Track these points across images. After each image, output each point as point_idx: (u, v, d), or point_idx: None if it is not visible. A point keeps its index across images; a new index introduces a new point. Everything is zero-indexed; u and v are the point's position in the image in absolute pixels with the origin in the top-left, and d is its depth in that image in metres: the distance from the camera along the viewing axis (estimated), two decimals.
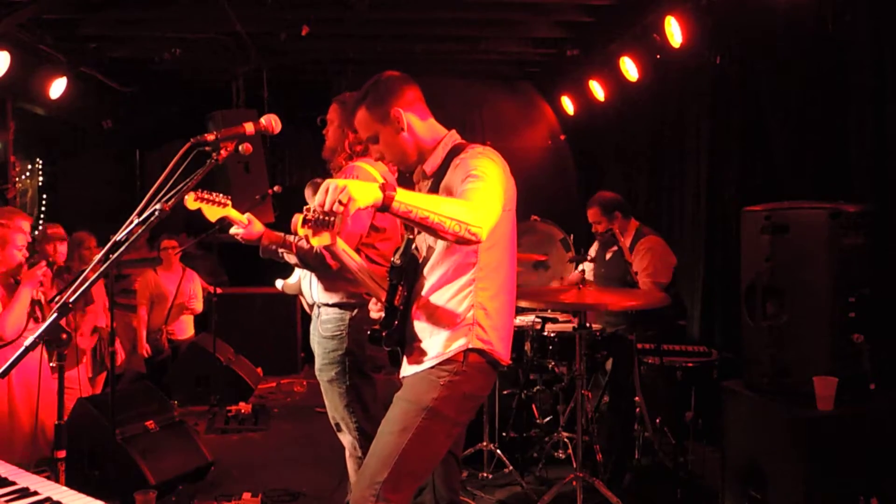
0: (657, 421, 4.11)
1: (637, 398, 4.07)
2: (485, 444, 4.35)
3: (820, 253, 3.07)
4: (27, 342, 1.82)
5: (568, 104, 7.20)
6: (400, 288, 2.35)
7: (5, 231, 3.59)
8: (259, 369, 6.84)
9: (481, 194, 2.07)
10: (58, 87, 5.85)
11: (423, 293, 2.35)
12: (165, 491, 4.06)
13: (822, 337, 3.08)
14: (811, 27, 4.01)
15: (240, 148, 2.06)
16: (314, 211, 1.89)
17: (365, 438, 3.06)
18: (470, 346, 2.26)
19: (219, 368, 6.09)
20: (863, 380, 2.99)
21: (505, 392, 4.58)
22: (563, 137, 7.83)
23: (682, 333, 4.73)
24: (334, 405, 3.18)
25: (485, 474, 4.35)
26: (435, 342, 2.31)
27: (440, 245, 2.31)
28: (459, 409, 2.30)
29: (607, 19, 5.65)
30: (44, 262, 3.64)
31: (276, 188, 4.75)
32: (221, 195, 2.94)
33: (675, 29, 4.88)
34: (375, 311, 2.49)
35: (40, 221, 7.41)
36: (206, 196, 2.94)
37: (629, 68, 5.65)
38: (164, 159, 1.90)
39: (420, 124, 2.37)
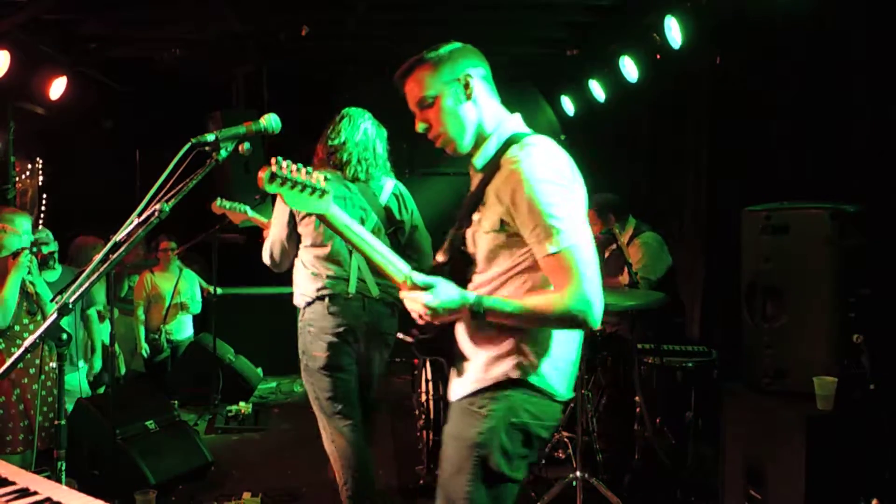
0: (657, 421, 4.11)
1: (637, 398, 4.07)
2: None
3: (820, 253, 3.07)
4: (27, 342, 1.82)
5: (568, 104, 7.20)
6: None
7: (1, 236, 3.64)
8: (259, 369, 6.85)
9: (570, 265, 1.84)
10: (58, 87, 5.85)
11: None
12: (165, 491, 4.06)
13: (822, 337, 3.09)
14: (811, 27, 4.01)
15: (240, 148, 2.05)
16: None
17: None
18: (510, 377, 1.98)
19: (219, 368, 6.09)
20: (863, 380, 2.99)
21: None
22: (563, 137, 7.83)
23: (681, 333, 4.73)
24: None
25: None
26: (476, 364, 2.03)
27: (487, 245, 2.02)
28: (513, 440, 1.99)
29: (607, 19, 5.65)
30: (25, 249, 3.61)
31: None
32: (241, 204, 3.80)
33: (675, 29, 4.88)
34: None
35: (40, 221, 7.41)
36: (226, 205, 3.81)
37: (629, 68, 5.65)
38: (164, 159, 1.89)
39: (488, 101, 2.06)
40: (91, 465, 3.98)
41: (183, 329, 6.48)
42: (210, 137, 1.93)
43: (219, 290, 6.32)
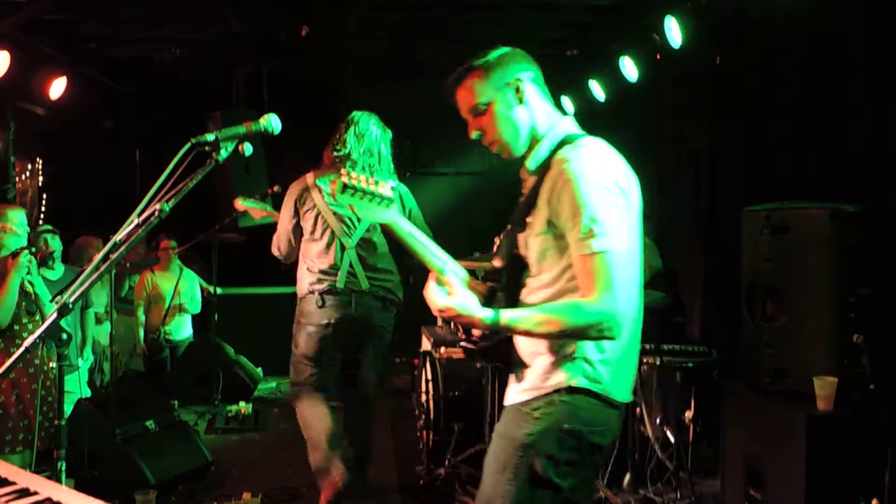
0: (657, 421, 4.11)
1: (637, 398, 4.06)
2: (485, 444, 4.35)
3: (820, 253, 3.08)
4: (27, 342, 1.82)
5: (568, 104, 7.20)
6: (500, 295, 2.04)
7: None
8: (259, 369, 6.85)
9: (600, 271, 1.81)
10: (58, 87, 5.85)
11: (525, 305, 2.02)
12: (165, 491, 4.06)
13: (822, 337, 3.09)
14: (811, 27, 4.01)
15: (240, 148, 2.05)
16: None
17: None
18: (570, 384, 1.92)
19: (219, 368, 6.09)
20: (863, 380, 2.99)
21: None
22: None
23: (681, 333, 4.73)
24: None
25: None
26: (534, 371, 1.99)
27: (538, 247, 1.99)
28: (563, 447, 1.94)
29: (607, 19, 5.65)
30: (25, 249, 3.62)
31: (275, 188, 4.81)
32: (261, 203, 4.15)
33: (675, 29, 4.88)
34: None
35: (40, 221, 7.41)
36: (248, 201, 4.09)
37: (629, 68, 5.65)
38: (164, 159, 1.89)
39: (540, 104, 2.05)
40: (91, 465, 3.98)
41: (182, 329, 6.48)
42: (210, 137, 1.93)
43: (219, 290, 6.32)
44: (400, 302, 3.92)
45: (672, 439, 4.03)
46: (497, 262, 2.09)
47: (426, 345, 5.19)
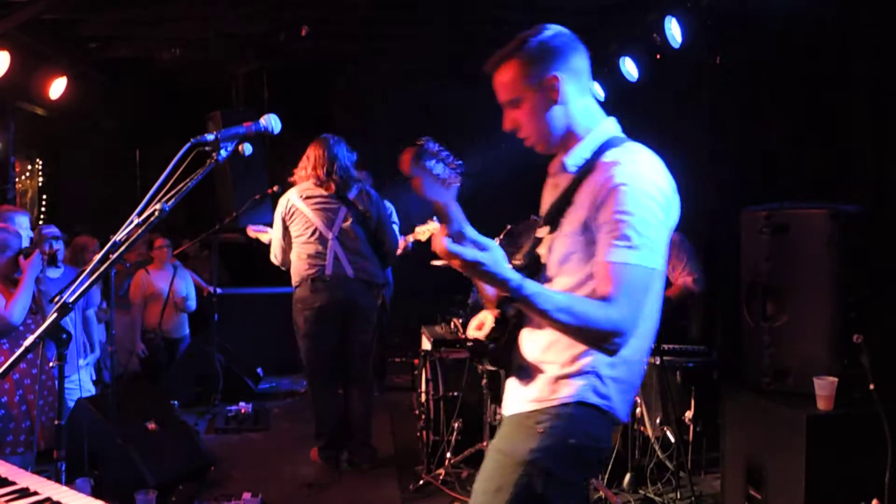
0: (657, 421, 4.11)
1: (637, 398, 4.07)
2: (485, 444, 4.35)
3: (820, 253, 3.07)
4: (27, 342, 1.82)
5: None
6: None
7: (7, 236, 3.66)
8: (259, 369, 6.84)
9: (631, 284, 1.70)
10: (58, 87, 5.85)
11: None
12: (165, 491, 4.06)
13: (822, 337, 3.09)
14: (811, 27, 4.01)
15: (240, 148, 2.05)
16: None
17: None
18: (581, 400, 1.83)
19: (219, 368, 6.09)
20: (863, 380, 2.99)
21: None
22: None
23: (682, 333, 4.73)
24: None
25: None
26: (541, 381, 1.89)
27: (564, 248, 1.88)
28: (566, 463, 1.85)
29: (607, 19, 5.65)
30: (37, 249, 3.69)
31: (275, 188, 4.84)
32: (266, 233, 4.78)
33: (675, 29, 4.88)
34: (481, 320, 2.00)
35: (40, 221, 7.41)
36: (258, 229, 4.94)
37: (629, 68, 5.64)
38: (164, 159, 1.89)
39: (578, 101, 1.91)
40: (91, 465, 3.98)
41: (179, 328, 6.43)
42: (210, 137, 1.93)
43: (219, 290, 6.31)
44: (383, 285, 4.84)
45: (672, 439, 4.03)
46: (517, 260, 1.96)
47: (426, 345, 5.19)
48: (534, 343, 1.91)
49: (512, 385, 1.98)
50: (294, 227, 4.45)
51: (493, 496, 1.86)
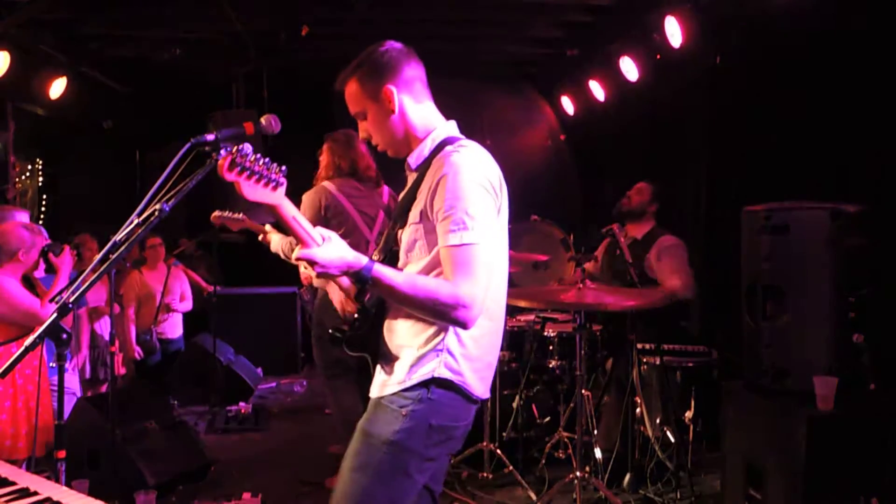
0: (657, 421, 4.11)
1: (637, 398, 4.07)
2: (485, 444, 4.35)
3: (820, 253, 3.07)
4: (27, 342, 1.82)
5: (568, 104, 7.20)
6: None
7: (35, 237, 3.72)
8: (259, 369, 6.84)
9: (466, 261, 1.89)
10: (58, 87, 5.85)
11: None
12: (165, 491, 4.06)
13: (822, 337, 3.09)
14: (811, 27, 4.01)
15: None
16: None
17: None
18: (435, 376, 2.00)
19: (219, 368, 6.09)
20: (863, 380, 2.99)
21: (505, 392, 4.58)
22: (563, 137, 7.83)
23: (682, 333, 4.73)
24: None
25: (485, 474, 4.35)
26: (401, 364, 2.05)
27: (408, 237, 2.08)
28: (427, 443, 2.01)
29: (607, 19, 5.65)
30: (67, 245, 3.79)
31: None
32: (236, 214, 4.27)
33: (675, 29, 4.88)
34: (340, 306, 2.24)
35: (40, 221, 7.41)
36: (224, 215, 4.27)
37: (629, 68, 5.64)
38: (164, 159, 1.89)
39: (414, 108, 2.11)
40: (91, 465, 3.98)
41: (174, 328, 6.37)
42: (210, 137, 1.93)
43: (219, 290, 6.31)
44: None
45: (672, 439, 4.03)
46: (376, 256, 2.14)
47: None
48: (393, 331, 2.09)
49: (377, 370, 2.14)
50: (333, 225, 4.16)
51: (358, 472, 2.01)
